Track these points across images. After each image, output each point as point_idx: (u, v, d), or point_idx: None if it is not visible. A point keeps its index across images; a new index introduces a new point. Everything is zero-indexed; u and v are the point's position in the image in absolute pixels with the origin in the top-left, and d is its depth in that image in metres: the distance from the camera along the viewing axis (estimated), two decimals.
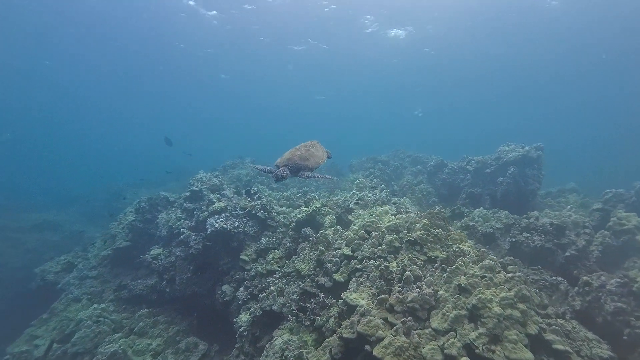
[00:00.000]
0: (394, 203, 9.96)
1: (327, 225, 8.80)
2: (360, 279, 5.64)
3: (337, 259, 6.49)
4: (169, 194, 13.35)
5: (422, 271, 5.18)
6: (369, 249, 6.14)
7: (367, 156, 19.17)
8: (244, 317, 7.19)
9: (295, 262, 7.59)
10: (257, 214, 10.17)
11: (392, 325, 4.67)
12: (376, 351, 4.35)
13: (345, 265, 6.35)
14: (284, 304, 6.49)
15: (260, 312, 6.55)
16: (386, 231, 6.32)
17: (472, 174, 12.67)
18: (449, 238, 5.86)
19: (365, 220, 7.18)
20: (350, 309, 5.32)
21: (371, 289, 5.47)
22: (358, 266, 6.04)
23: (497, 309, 4.07)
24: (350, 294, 5.45)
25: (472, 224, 8.34)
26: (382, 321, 4.69)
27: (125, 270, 11.81)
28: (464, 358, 3.90)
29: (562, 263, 6.35)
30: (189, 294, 9.51)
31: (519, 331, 4.00)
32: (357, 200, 9.59)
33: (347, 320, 5.09)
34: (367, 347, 4.52)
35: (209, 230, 9.57)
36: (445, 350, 4.11)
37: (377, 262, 5.78)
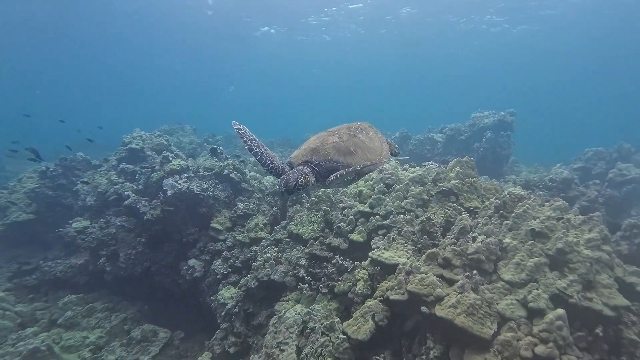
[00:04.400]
0: None
1: None
2: (391, 236, 4.63)
3: (351, 217, 5.38)
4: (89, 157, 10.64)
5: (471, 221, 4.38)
6: (393, 203, 5.16)
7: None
8: (227, 293, 5.66)
9: (290, 226, 6.26)
10: (230, 176, 8.47)
11: (450, 282, 3.76)
12: (442, 312, 3.40)
13: (362, 224, 5.28)
14: (286, 272, 5.16)
15: (256, 284, 5.12)
16: (410, 183, 5.41)
17: (444, 143, 12.61)
18: (482, 188, 5.19)
19: (373, 177, 6.18)
20: (386, 269, 4.29)
21: (407, 246, 4.51)
22: (382, 223, 5.03)
23: (587, 252, 3.42)
24: (383, 253, 4.42)
25: None
26: (438, 278, 3.75)
27: (28, 251, 9.00)
28: (558, 310, 3.16)
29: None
30: (139, 272, 7.47)
31: (609, 275, 3.41)
32: None
33: (386, 281, 4.05)
34: (424, 308, 3.54)
35: (169, 192, 7.59)
36: (530, 304, 3.34)
37: (408, 217, 4.82)
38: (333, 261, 4.82)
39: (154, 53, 40.90)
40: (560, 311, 3.20)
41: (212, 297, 6.15)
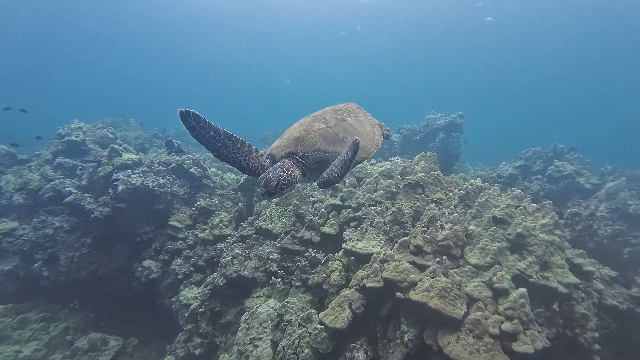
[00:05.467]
0: None
1: None
2: (364, 227, 4.67)
3: (322, 210, 5.34)
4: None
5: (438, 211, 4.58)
6: (364, 195, 5.22)
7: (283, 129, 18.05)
8: (190, 293, 5.26)
9: (258, 222, 6.03)
10: (190, 171, 7.97)
11: (422, 267, 3.89)
12: (416, 296, 3.48)
13: (334, 217, 5.27)
14: (256, 267, 4.94)
15: (224, 281, 4.82)
16: (379, 176, 5.53)
17: (401, 143, 13.20)
18: (445, 181, 5.48)
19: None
20: (360, 259, 4.31)
21: (379, 236, 4.58)
22: (354, 215, 5.06)
23: (543, 236, 3.75)
24: (356, 243, 4.43)
25: None
26: (411, 265, 3.85)
27: None
28: (520, 289, 3.41)
29: None
30: (83, 276, 6.67)
31: (561, 256, 3.77)
32: None
33: (361, 271, 4.06)
34: (399, 294, 3.61)
35: (120, 188, 6.90)
36: (495, 285, 3.57)
37: (379, 208, 4.91)
38: (306, 254, 4.73)
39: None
40: (522, 290, 3.47)
41: (172, 299, 5.68)
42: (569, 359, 3.73)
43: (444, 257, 3.82)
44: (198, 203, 7.35)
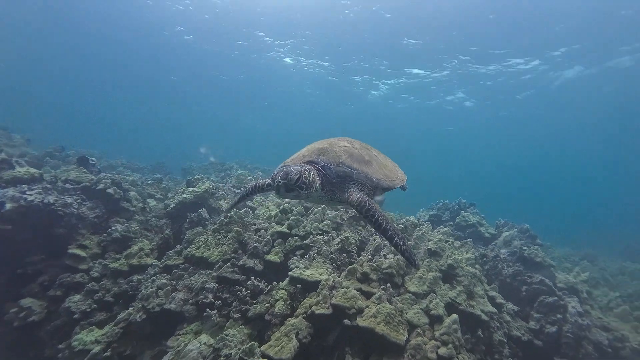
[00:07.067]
0: None
1: (225, 210, 7.06)
2: (312, 255, 4.63)
3: (268, 237, 5.15)
4: None
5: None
6: (312, 224, 5.26)
7: (208, 161, 17.56)
8: (89, 337, 4.22)
9: (190, 250, 5.45)
10: (108, 191, 6.97)
11: (367, 294, 3.95)
12: (364, 322, 3.48)
13: (280, 245, 5.10)
14: (185, 300, 4.31)
15: (144, 317, 4.02)
16: (327, 207, 5.69)
17: None
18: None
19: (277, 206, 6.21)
20: (307, 287, 4.16)
21: (326, 264, 4.56)
22: (301, 243, 4.99)
23: (468, 268, 4.24)
24: (304, 271, 4.33)
25: None
26: (358, 292, 3.90)
27: None
28: (453, 315, 3.72)
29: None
30: None
31: (481, 287, 4.28)
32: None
33: (309, 298, 3.91)
34: (346, 321, 3.56)
35: (8, 206, 5.61)
36: (432, 312, 3.81)
37: (327, 237, 4.99)
38: (248, 283, 4.36)
39: None
40: (455, 316, 3.78)
41: (59, 347, 4.44)
42: None
43: (388, 285, 3.98)
44: (113, 228, 6.31)
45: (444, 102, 27.99)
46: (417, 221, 5.19)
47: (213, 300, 4.18)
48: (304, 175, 1.81)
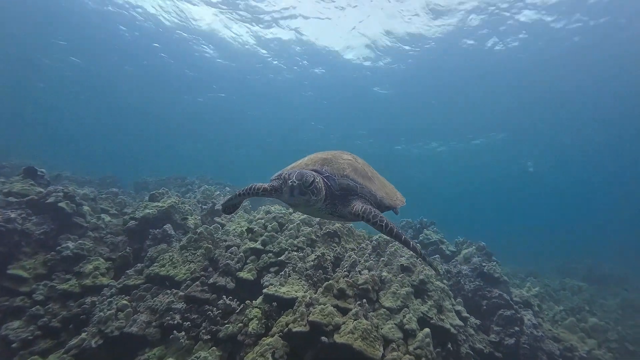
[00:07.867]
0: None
1: (192, 226, 6.73)
2: (287, 271, 4.56)
3: (240, 254, 4.99)
4: None
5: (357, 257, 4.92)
6: (287, 240, 5.21)
7: (168, 176, 16.45)
8: None
9: (153, 269, 5.09)
10: (59, 205, 6.38)
11: (344, 311, 3.96)
12: (341, 339, 3.46)
13: (253, 262, 4.96)
14: (148, 322, 3.97)
15: (100, 342, 3.62)
16: (301, 223, 5.69)
17: None
18: (355, 234, 6.03)
19: (268, 215, 6.11)
20: (282, 305, 4.06)
21: (301, 281, 4.51)
22: (275, 259, 4.91)
23: (438, 283, 4.44)
24: (279, 288, 4.24)
25: None
26: (335, 308, 3.90)
27: None
28: (425, 329, 3.84)
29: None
30: None
31: (449, 302, 4.49)
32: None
33: (284, 316, 3.82)
34: (324, 338, 3.52)
35: None
36: (405, 326, 3.90)
37: (302, 254, 4.96)
38: (219, 302, 4.15)
39: None
40: (427, 330, 3.91)
41: None
42: None
43: (364, 300, 4.03)
44: (64, 246, 5.73)
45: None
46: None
47: (181, 321, 3.91)
48: (316, 179, 1.76)
